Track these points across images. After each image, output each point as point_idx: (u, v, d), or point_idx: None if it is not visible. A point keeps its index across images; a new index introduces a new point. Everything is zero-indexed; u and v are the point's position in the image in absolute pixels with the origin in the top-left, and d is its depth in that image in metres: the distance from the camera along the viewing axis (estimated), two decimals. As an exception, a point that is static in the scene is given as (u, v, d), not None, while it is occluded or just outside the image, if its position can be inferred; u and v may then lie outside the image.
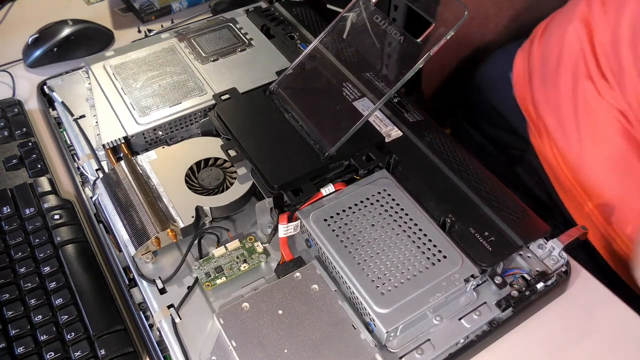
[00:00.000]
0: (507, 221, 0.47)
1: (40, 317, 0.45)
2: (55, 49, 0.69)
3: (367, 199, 0.48)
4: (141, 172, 0.51)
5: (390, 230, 0.46)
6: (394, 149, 0.52)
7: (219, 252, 0.47)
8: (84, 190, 0.54)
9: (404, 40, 0.48)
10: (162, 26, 0.76)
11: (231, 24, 0.68)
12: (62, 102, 0.59)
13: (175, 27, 0.73)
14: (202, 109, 0.57)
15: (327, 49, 0.53)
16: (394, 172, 0.51)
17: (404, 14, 0.96)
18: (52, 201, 0.54)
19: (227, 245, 0.48)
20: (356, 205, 0.48)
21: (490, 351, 0.44)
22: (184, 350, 0.42)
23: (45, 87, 0.63)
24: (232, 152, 0.51)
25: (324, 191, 0.48)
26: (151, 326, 0.45)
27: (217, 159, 0.53)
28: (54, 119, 0.61)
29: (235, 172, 0.52)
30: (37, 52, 0.69)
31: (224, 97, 0.56)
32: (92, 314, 0.45)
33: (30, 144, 0.59)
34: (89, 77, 0.61)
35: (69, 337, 0.44)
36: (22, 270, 0.48)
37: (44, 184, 0.55)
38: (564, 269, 0.47)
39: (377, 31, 0.50)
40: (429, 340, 0.42)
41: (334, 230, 0.46)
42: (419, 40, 0.47)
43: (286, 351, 0.40)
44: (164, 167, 0.51)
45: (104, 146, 0.54)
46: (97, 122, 0.56)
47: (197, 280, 0.46)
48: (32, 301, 0.46)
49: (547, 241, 0.47)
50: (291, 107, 0.53)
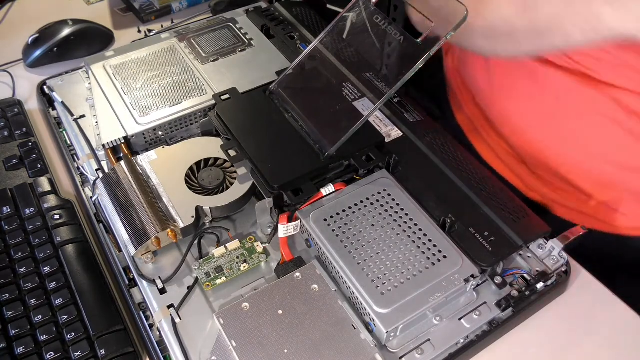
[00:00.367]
0: (507, 221, 0.47)
1: (40, 317, 0.45)
2: (55, 49, 0.69)
3: (367, 199, 0.48)
4: (141, 172, 0.51)
5: (390, 230, 0.46)
6: (394, 149, 0.52)
7: (219, 252, 0.47)
8: (84, 190, 0.54)
9: (404, 40, 0.48)
10: (162, 26, 0.76)
11: (231, 24, 0.68)
12: (62, 102, 0.59)
13: (175, 27, 0.73)
14: (202, 109, 0.57)
15: (327, 49, 0.53)
16: (394, 172, 0.51)
17: (404, 14, 0.96)
18: (52, 201, 0.54)
19: (227, 245, 0.48)
20: (356, 205, 0.48)
21: (490, 351, 0.44)
22: (184, 350, 0.42)
23: (45, 87, 0.63)
24: (232, 152, 0.51)
25: (324, 191, 0.48)
26: (151, 326, 0.45)
27: (217, 159, 0.53)
28: (54, 119, 0.61)
29: (235, 172, 0.52)
30: (37, 52, 0.69)
31: (224, 97, 0.56)
32: (92, 314, 0.45)
33: (30, 144, 0.59)
34: (89, 77, 0.61)
35: (69, 337, 0.44)
36: (22, 270, 0.48)
37: (44, 184, 0.55)
38: (564, 269, 0.47)
39: (377, 31, 0.50)
40: (429, 340, 0.42)
41: (334, 230, 0.46)
42: (419, 40, 0.47)
43: (286, 351, 0.40)
44: (164, 167, 0.51)
45: (104, 146, 0.54)
46: (97, 122, 0.56)
47: (197, 280, 0.46)
48: (32, 301, 0.46)
49: (547, 241, 0.47)
50: (291, 107, 0.53)
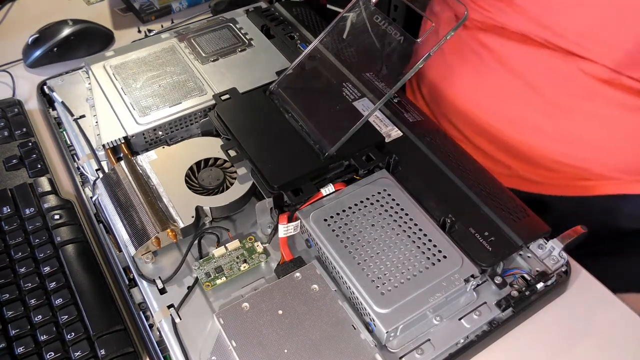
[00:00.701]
0: (507, 221, 0.47)
1: (40, 317, 0.45)
2: (55, 49, 0.69)
3: (367, 199, 0.48)
4: (141, 172, 0.51)
5: (390, 230, 0.46)
6: (394, 149, 0.52)
7: (219, 252, 0.47)
8: (84, 190, 0.54)
9: (404, 40, 0.48)
10: (162, 26, 0.76)
11: (231, 24, 0.68)
12: (62, 102, 0.59)
13: (175, 27, 0.73)
14: (202, 109, 0.57)
15: (327, 49, 0.53)
16: (394, 172, 0.51)
17: (404, 14, 0.96)
18: (52, 201, 0.54)
19: (227, 245, 0.48)
20: (356, 205, 0.48)
21: (490, 351, 0.44)
22: (184, 350, 0.42)
23: (45, 87, 0.63)
24: (232, 152, 0.51)
25: (324, 191, 0.48)
26: (151, 326, 0.45)
27: (217, 159, 0.53)
28: (54, 119, 0.61)
29: (235, 172, 0.51)
30: (37, 52, 0.69)
31: (224, 97, 0.56)
32: (92, 314, 0.45)
33: (30, 144, 0.59)
34: (89, 77, 0.61)
35: (69, 337, 0.44)
36: (22, 270, 0.48)
37: (44, 184, 0.55)
38: (564, 269, 0.47)
39: (377, 31, 0.50)
40: (429, 340, 0.42)
41: (334, 230, 0.46)
42: (419, 40, 0.47)
43: (286, 351, 0.40)
44: (164, 167, 0.51)
45: (104, 146, 0.54)
46: (97, 122, 0.56)
47: (197, 280, 0.46)
48: (32, 301, 0.46)
49: (547, 241, 0.47)
50: (291, 107, 0.53)
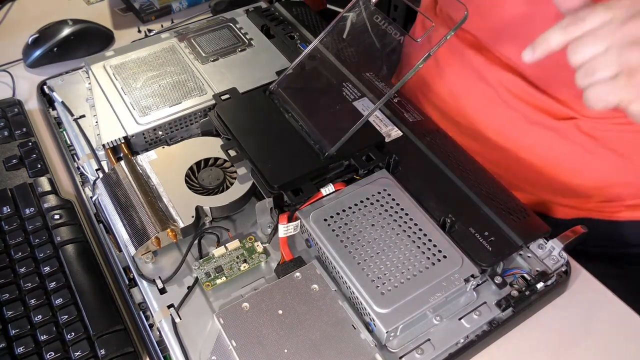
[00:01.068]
0: (507, 221, 0.47)
1: (40, 317, 0.45)
2: (55, 49, 0.69)
3: (367, 199, 0.48)
4: (141, 172, 0.51)
5: (390, 230, 0.46)
6: (394, 149, 0.52)
7: (219, 252, 0.47)
8: (84, 190, 0.54)
9: (404, 40, 0.48)
10: (162, 26, 0.76)
11: (231, 24, 0.68)
12: (62, 102, 0.59)
13: (175, 27, 0.73)
14: (202, 109, 0.57)
15: (327, 49, 0.53)
16: (394, 172, 0.51)
17: (404, 14, 0.96)
18: (52, 201, 0.54)
19: (227, 245, 0.48)
20: (356, 205, 0.48)
21: (490, 351, 0.44)
22: (184, 350, 0.42)
23: (45, 87, 0.63)
24: (232, 152, 0.51)
25: (324, 191, 0.48)
26: (151, 326, 0.45)
27: (217, 159, 0.53)
28: (54, 119, 0.61)
29: (235, 172, 0.51)
30: (37, 52, 0.69)
31: (224, 97, 0.56)
32: (92, 314, 0.45)
33: (30, 144, 0.59)
34: (89, 77, 0.61)
35: (69, 337, 0.44)
36: (22, 270, 0.48)
37: (44, 184, 0.55)
38: (564, 269, 0.47)
39: (377, 31, 0.50)
40: (429, 340, 0.42)
41: (334, 230, 0.46)
42: (418, 40, 0.47)
43: (286, 351, 0.40)
44: (164, 167, 0.51)
45: (104, 146, 0.54)
46: (97, 122, 0.56)
47: (197, 280, 0.46)
48: (32, 301, 0.46)
49: (547, 241, 0.47)
50: (291, 107, 0.53)
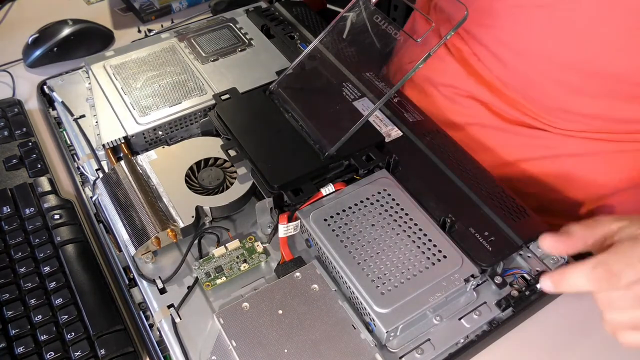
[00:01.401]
0: (507, 221, 0.47)
1: (40, 317, 0.45)
2: (55, 49, 0.69)
3: (367, 199, 0.48)
4: (141, 172, 0.51)
5: (390, 230, 0.46)
6: (394, 149, 0.52)
7: (219, 252, 0.47)
8: (84, 190, 0.54)
9: (404, 40, 0.48)
10: (162, 26, 0.76)
11: (231, 24, 0.68)
12: (62, 102, 0.59)
13: (175, 27, 0.73)
14: (202, 109, 0.57)
15: (327, 49, 0.53)
16: (394, 172, 0.51)
17: (404, 14, 0.96)
18: (52, 201, 0.54)
19: (227, 245, 0.48)
20: (356, 205, 0.48)
21: (490, 351, 0.44)
22: (184, 350, 0.42)
23: (45, 87, 0.63)
24: (232, 152, 0.51)
25: (324, 191, 0.48)
26: (151, 326, 0.45)
27: (217, 159, 0.53)
28: (54, 119, 0.61)
29: (235, 172, 0.51)
30: (37, 52, 0.69)
31: (224, 97, 0.56)
32: (92, 314, 0.45)
33: (30, 143, 0.59)
34: (89, 77, 0.61)
35: (69, 337, 0.44)
36: (22, 270, 0.48)
37: (44, 183, 0.55)
38: (564, 269, 0.47)
39: (377, 31, 0.50)
40: (429, 340, 0.42)
41: (334, 230, 0.46)
42: (418, 40, 0.47)
43: (286, 351, 0.40)
44: (164, 167, 0.51)
45: (104, 146, 0.54)
46: (97, 122, 0.56)
47: (197, 280, 0.46)
48: (32, 301, 0.46)
49: (547, 241, 0.47)
50: (291, 107, 0.53)
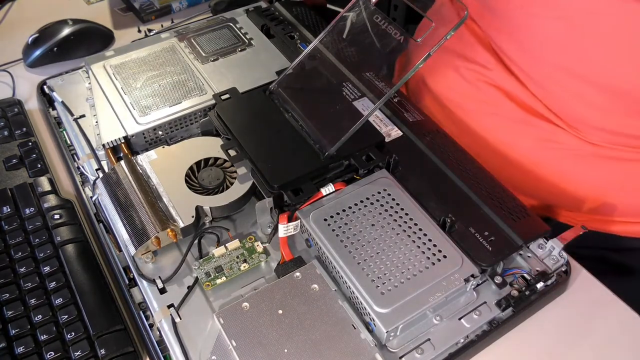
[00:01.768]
0: (507, 221, 0.47)
1: (40, 317, 0.45)
2: (55, 49, 0.69)
3: (367, 199, 0.48)
4: (141, 172, 0.51)
5: (390, 230, 0.46)
6: (394, 149, 0.52)
7: (219, 251, 0.47)
8: (84, 190, 0.54)
9: (404, 40, 0.48)
10: (162, 26, 0.76)
11: (231, 24, 0.68)
12: (62, 102, 0.59)
13: (175, 27, 0.73)
14: (202, 109, 0.57)
15: (327, 48, 0.53)
16: (394, 172, 0.51)
17: (404, 14, 0.96)
18: (52, 201, 0.54)
19: (227, 245, 0.48)
20: (356, 205, 0.48)
21: (490, 351, 0.44)
22: (184, 350, 0.42)
23: (45, 87, 0.63)
24: (232, 152, 0.51)
25: (324, 191, 0.48)
26: (151, 326, 0.45)
27: (217, 159, 0.53)
28: (54, 118, 0.61)
29: (235, 172, 0.52)
30: (37, 52, 0.69)
31: (224, 97, 0.56)
32: (92, 313, 0.45)
33: (30, 143, 0.59)
34: (89, 77, 0.61)
35: (69, 336, 0.44)
36: (22, 270, 0.48)
37: (44, 183, 0.55)
38: (564, 269, 0.47)
39: (377, 31, 0.50)
40: (429, 340, 0.42)
41: (334, 230, 0.46)
42: (418, 40, 0.47)
43: (286, 351, 0.40)
44: (164, 167, 0.51)
45: (104, 146, 0.54)
46: (97, 122, 0.56)
47: (197, 280, 0.46)
48: (32, 301, 0.46)
49: (547, 241, 0.47)
50: (291, 107, 0.53)
